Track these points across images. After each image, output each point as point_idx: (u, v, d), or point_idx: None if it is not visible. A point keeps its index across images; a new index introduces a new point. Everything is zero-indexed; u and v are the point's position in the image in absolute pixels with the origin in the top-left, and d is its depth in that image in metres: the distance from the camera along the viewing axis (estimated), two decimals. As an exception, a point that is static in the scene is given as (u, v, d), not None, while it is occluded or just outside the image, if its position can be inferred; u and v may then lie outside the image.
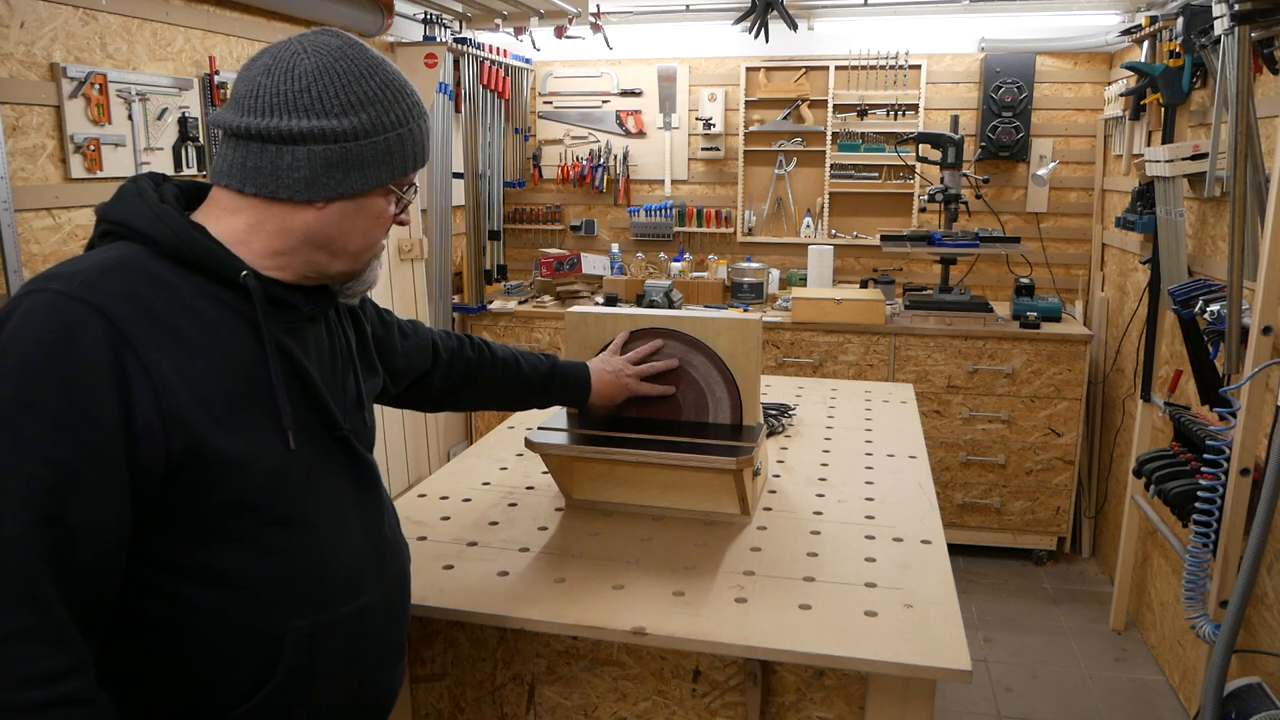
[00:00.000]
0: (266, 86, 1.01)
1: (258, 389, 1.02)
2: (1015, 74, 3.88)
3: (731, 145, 4.29)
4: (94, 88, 2.13)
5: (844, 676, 1.38)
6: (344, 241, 1.07)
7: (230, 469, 0.98)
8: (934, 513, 1.73)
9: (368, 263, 1.12)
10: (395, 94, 1.06)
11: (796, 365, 3.71)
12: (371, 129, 1.04)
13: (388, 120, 1.05)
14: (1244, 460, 2.16)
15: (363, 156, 1.04)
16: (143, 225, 1.00)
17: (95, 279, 0.93)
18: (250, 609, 1.01)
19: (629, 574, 1.48)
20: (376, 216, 1.08)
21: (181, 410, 0.94)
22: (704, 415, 1.73)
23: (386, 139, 1.05)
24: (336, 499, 1.12)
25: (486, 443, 2.16)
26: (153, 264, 0.98)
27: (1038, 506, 3.67)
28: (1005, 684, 2.91)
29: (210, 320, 1.00)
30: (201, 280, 1.01)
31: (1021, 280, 3.76)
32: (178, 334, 0.96)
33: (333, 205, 1.04)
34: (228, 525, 1.00)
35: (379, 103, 1.04)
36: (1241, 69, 2.24)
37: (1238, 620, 2.08)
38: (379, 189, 1.07)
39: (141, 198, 1.02)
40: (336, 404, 1.13)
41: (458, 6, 3.60)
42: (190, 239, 1.00)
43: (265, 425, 1.02)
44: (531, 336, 4.01)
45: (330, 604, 1.08)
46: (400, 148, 1.07)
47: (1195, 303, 2.40)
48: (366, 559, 1.14)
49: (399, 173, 1.08)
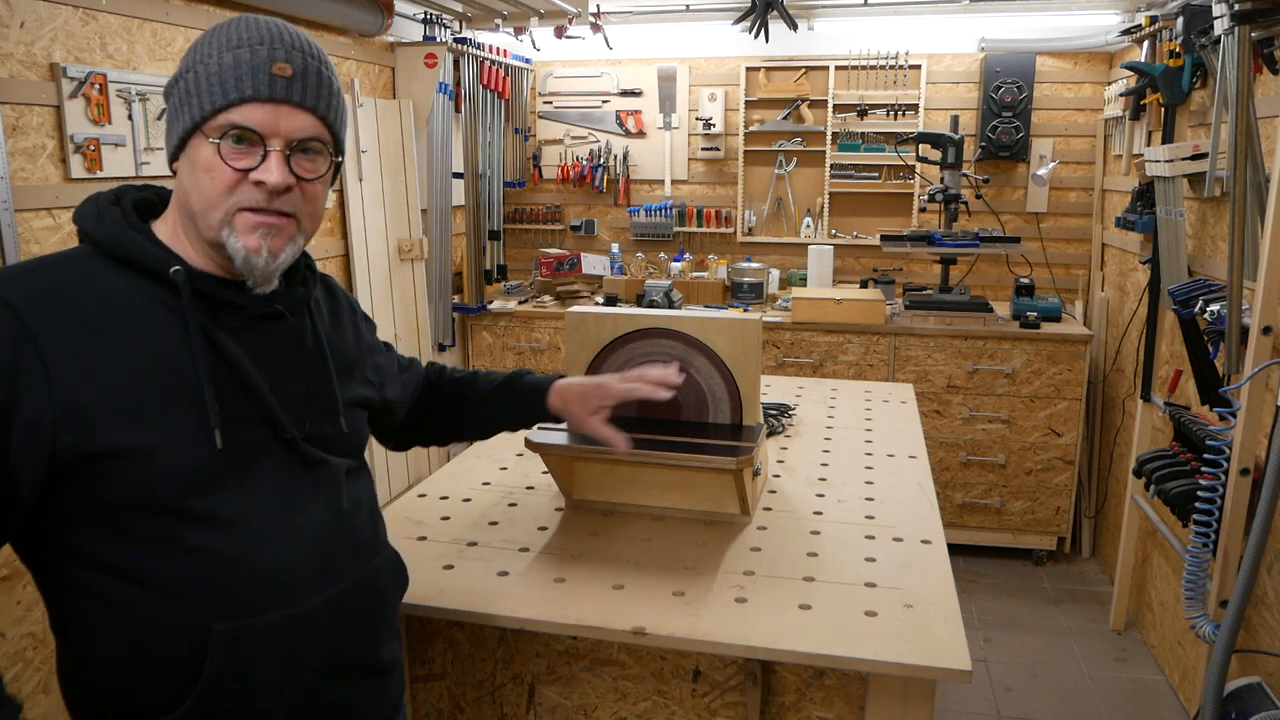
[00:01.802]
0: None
1: (186, 386, 1.00)
2: (1015, 74, 3.88)
3: (731, 145, 4.29)
4: (94, 88, 2.13)
5: (844, 676, 1.38)
6: (190, 202, 1.02)
7: (138, 465, 0.96)
8: (934, 513, 1.73)
9: (218, 229, 1.01)
10: (215, 33, 1.01)
11: (796, 365, 3.71)
12: (179, 74, 1.01)
13: (188, 61, 1.01)
14: (1244, 460, 2.16)
15: (178, 106, 1.01)
16: (87, 226, 1.02)
17: (18, 274, 0.97)
18: (170, 608, 0.99)
19: (629, 574, 1.48)
20: (206, 169, 1.00)
21: (80, 406, 0.94)
22: (704, 415, 1.73)
23: (186, 80, 1.01)
24: (278, 501, 1.06)
25: (487, 443, 2.16)
26: (91, 263, 1.00)
27: (1038, 506, 3.67)
28: (1005, 684, 2.91)
29: (140, 318, 0.99)
30: (139, 279, 1.01)
31: (1021, 280, 3.76)
32: (97, 330, 0.96)
33: (181, 164, 1.03)
34: (143, 522, 0.98)
35: (196, 47, 1.01)
36: (1241, 69, 2.24)
37: (1238, 620, 2.08)
38: (195, 135, 1.00)
39: (95, 202, 1.04)
40: (288, 406, 1.08)
41: (458, 6, 3.60)
42: (124, 238, 1.01)
43: (189, 422, 0.99)
44: (531, 336, 4.01)
45: (258, 608, 1.03)
46: (199, 85, 0.99)
47: (1195, 303, 2.40)
48: (306, 565, 1.07)
49: (200, 111, 0.99)
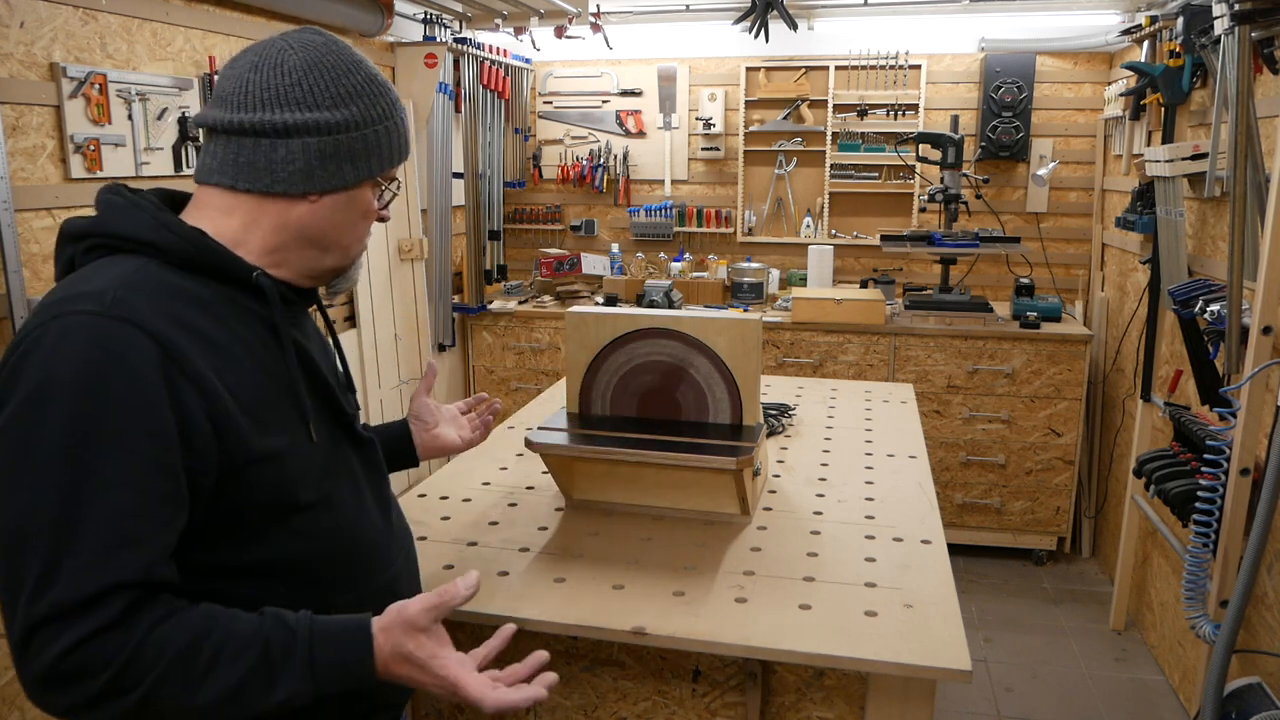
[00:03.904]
0: (256, 82, 1.02)
1: (281, 386, 1.04)
2: (1015, 74, 3.88)
3: (731, 145, 4.28)
4: (94, 88, 2.13)
5: (844, 676, 1.38)
6: (336, 235, 1.09)
7: (274, 469, 1.00)
8: (934, 513, 1.73)
9: (355, 258, 1.14)
10: (380, 89, 1.08)
11: (796, 365, 3.71)
12: (362, 121, 1.05)
13: (375, 113, 1.07)
14: (1244, 460, 2.16)
15: (353, 149, 1.05)
16: (148, 235, 0.99)
17: (125, 296, 0.93)
18: (296, 594, 1.02)
19: (629, 574, 1.48)
20: (365, 210, 1.10)
21: (227, 417, 0.95)
22: (704, 415, 1.73)
23: (375, 131, 1.07)
24: (353, 481, 1.14)
25: (486, 443, 2.15)
26: (167, 275, 0.98)
27: (1038, 506, 3.67)
28: (1005, 684, 2.91)
29: (232, 324, 1.01)
30: (214, 284, 1.01)
31: (1021, 280, 3.76)
32: (210, 342, 0.97)
33: (325, 199, 1.06)
34: (271, 521, 1.02)
35: (366, 96, 1.06)
36: (1241, 69, 2.23)
37: (1238, 620, 2.08)
38: (368, 181, 1.09)
39: (138, 208, 1.01)
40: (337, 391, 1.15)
41: (458, 6, 3.60)
42: (200, 244, 1.00)
43: (292, 421, 1.04)
44: (531, 336, 4.01)
45: (368, 578, 1.11)
46: (388, 140, 1.09)
47: (1195, 303, 2.40)
48: (387, 533, 1.18)
49: (386, 165, 1.10)
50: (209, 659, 0.90)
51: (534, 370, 4.04)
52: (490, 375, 4.10)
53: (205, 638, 0.91)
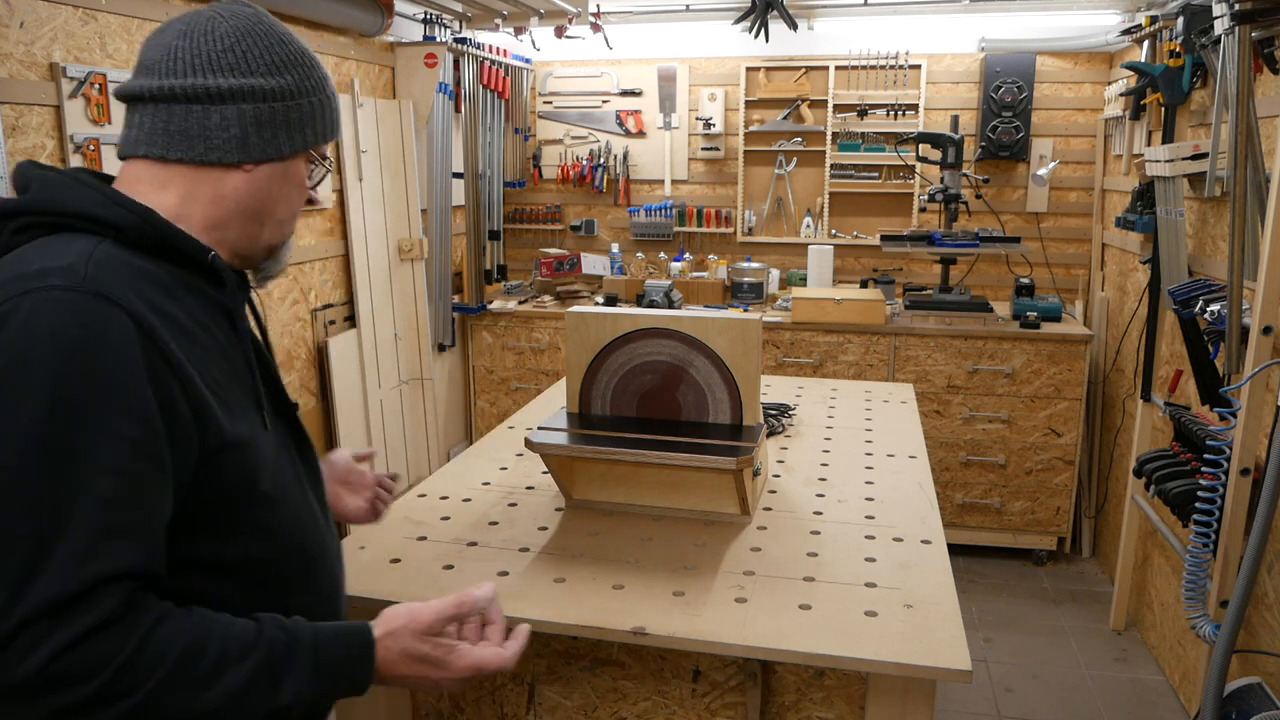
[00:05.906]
0: (185, 49, 0.97)
1: (236, 371, 1.01)
2: (1015, 74, 3.88)
3: (731, 145, 4.28)
4: (94, 87, 2.13)
5: (844, 676, 1.38)
6: (273, 208, 1.05)
7: (242, 455, 0.97)
8: (934, 513, 1.73)
9: (288, 236, 1.10)
10: (312, 61, 1.06)
11: (796, 365, 3.71)
12: (297, 91, 1.03)
13: (309, 84, 1.05)
14: (1244, 460, 2.16)
15: (289, 118, 1.03)
16: (98, 212, 0.92)
17: (95, 273, 0.87)
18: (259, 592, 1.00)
19: (629, 574, 1.48)
20: (299, 184, 1.08)
21: (204, 402, 0.92)
22: (704, 415, 1.73)
23: (310, 102, 1.05)
24: (298, 478, 1.09)
25: (486, 443, 2.16)
26: (123, 254, 0.92)
27: (1038, 506, 3.67)
28: (1005, 684, 2.91)
29: (189, 306, 0.96)
30: (167, 265, 0.96)
31: (1021, 280, 3.76)
32: (177, 325, 0.93)
33: (262, 168, 1.02)
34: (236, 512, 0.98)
35: (300, 67, 1.04)
36: (1241, 69, 2.23)
37: (1238, 620, 2.08)
38: (302, 154, 1.06)
39: (80, 184, 0.95)
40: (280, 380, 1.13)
41: (458, 6, 3.60)
42: (154, 222, 0.95)
43: (250, 408, 1.01)
44: (531, 336, 4.01)
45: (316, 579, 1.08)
46: (321, 113, 1.07)
47: (1195, 303, 2.40)
48: (330, 534, 1.15)
49: (320, 138, 1.07)
50: (215, 660, 0.86)
51: (534, 370, 4.04)
52: (490, 375, 4.10)
53: (208, 637, 0.87)
